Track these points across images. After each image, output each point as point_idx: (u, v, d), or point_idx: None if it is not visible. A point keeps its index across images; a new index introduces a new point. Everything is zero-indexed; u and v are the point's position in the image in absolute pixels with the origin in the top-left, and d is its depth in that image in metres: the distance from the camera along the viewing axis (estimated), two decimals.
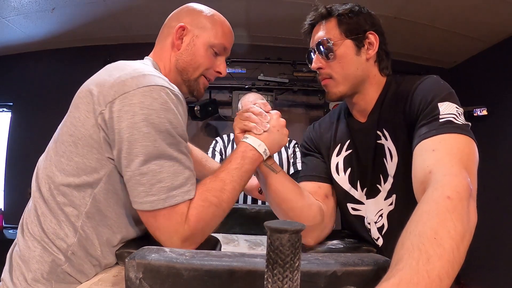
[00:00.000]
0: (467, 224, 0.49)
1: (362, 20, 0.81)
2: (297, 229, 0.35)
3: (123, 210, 0.69)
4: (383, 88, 0.83)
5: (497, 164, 2.60)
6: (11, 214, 3.02)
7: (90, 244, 0.66)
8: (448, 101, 0.68)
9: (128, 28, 2.96)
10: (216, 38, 0.80)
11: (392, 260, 0.46)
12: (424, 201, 0.53)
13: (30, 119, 3.23)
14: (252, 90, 2.93)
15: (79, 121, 0.65)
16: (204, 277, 0.47)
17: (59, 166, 0.66)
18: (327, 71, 0.82)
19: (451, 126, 0.64)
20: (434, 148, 0.62)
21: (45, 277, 0.63)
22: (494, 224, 2.52)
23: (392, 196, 0.77)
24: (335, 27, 0.81)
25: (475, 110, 2.78)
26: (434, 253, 0.43)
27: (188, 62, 0.79)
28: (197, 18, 0.80)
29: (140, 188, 0.62)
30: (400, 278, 0.41)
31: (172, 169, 0.63)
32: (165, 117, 0.62)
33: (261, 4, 2.58)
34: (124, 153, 0.62)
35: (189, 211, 0.64)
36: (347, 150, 0.87)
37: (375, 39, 0.81)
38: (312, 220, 0.79)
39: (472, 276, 2.71)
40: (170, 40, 0.80)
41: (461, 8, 2.32)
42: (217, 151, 1.90)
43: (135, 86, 0.62)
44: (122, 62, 0.73)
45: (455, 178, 0.55)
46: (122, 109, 0.61)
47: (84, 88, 0.68)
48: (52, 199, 0.66)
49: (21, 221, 0.70)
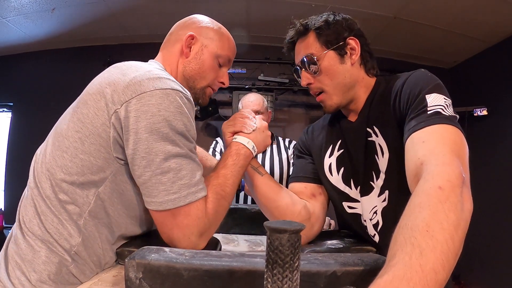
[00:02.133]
0: (461, 213, 0.48)
1: (339, 28, 0.82)
2: (296, 229, 0.35)
3: (125, 211, 0.69)
4: (373, 88, 0.85)
5: (497, 164, 2.60)
6: (11, 214, 2.99)
7: (93, 243, 0.66)
8: (436, 92, 0.68)
9: (128, 28, 2.96)
10: (223, 50, 0.84)
11: (387, 256, 0.46)
12: (415, 194, 0.53)
13: (30, 119, 3.22)
14: (252, 90, 2.94)
15: (87, 118, 0.65)
16: (204, 277, 0.47)
17: (61, 161, 0.65)
18: (317, 85, 0.85)
19: (439, 117, 0.64)
20: (424, 139, 0.62)
21: (52, 278, 0.63)
22: (494, 224, 2.52)
23: (385, 192, 0.77)
24: (314, 41, 0.83)
25: (475, 110, 2.78)
26: (427, 246, 0.43)
27: (196, 71, 0.82)
28: (206, 30, 0.84)
29: (161, 187, 0.63)
30: (393, 274, 0.41)
31: (189, 167, 0.65)
32: (180, 119, 0.65)
33: (261, 4, 2.58)
34: (142, 153, 0.62)
35: (207, 205, 0.68)
36: (339, 150, 0.88)
37: (355, 43, 0.82)
38: (296, 216, 0.83)
39: (472, 276, 2.71)
40: (178, 47, 0.82)
41: (461, 8, 2.32)
42: (217, 151, 1.90)
43: (152, 87, 0.64)
44: (132, 62, 0.73)
45: (447, 167, 0.55)
46: (139, 109, 0.62)
47: (95, 85, 0.68)
48: (54, 197, 0.64)
49: (18, 216, 0.69)
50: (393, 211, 0.75)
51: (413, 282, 0.39)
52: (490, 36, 2.68)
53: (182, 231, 0.64)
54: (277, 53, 3.13)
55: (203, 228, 0.66)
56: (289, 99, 3.27)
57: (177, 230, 0.64)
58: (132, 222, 0.72)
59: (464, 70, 3.20)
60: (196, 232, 0.65)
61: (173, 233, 0.65)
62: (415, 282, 0.39)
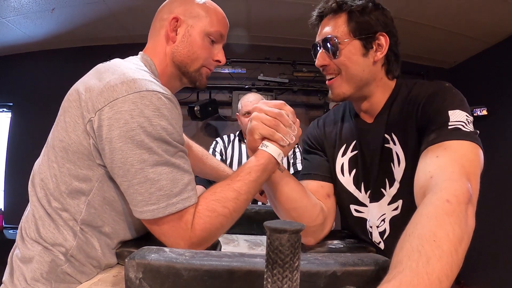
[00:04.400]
0: (465, 228, 0.49)
1: (373, 20, 0.76)
2: (296, 229, 0.35)
3: (120, 217, 0.69)
4: (393, 91, 0.81)
5: (497, 164, 2.59)
6: (11, 214, 3.01)
7: (90, 247, 0.66)
8: (459, 109, 0.67)
9: (128, 28, 2.96)
10: (212, 26, 0.77)
11: (392, 262, 0.46)
12: (423, 205, 0.54)
13: (30, 119, 3.22)
14: (252, 90, 2.93)
15: (69, 126, 0.64)
16: (204, 277, 0.47)
17: (51, 171, 0.65)
18: (332, 67, 0.78)
19: (458, 133, 0.64)
20: (438, 154, 0.63)
21: (45, 276, 0.63)
22: (494, 224, 2.52)
23: (398, 201, 0.76)
24: (343, 24, 0.76)
25: (475, 110, 2.78)
26: (434, 255, 0.44)
27: (185, 54, 0.76)
28: (189, 8, 0.77)
29: (139, 197, 0.61)
30: (401, 280, 0.41)
31: (170, 176, 0.61)
32: (158, 124, 0.60)
33: (261, 4, 2.58)
34: (118, 163, 0.60)
35: (194, 220, 0.63)
36: (352, 151, 0.85)
37: (385, 41, 0.77)
38: (314, 220, 0.78)
39: (472, 276, 2.71)
40: (163, 33, 0.77)
41: (461, 8, 2.32)
42: (217, 152, 1.90)
43: (125, 92, 0.60)
44: (113, 62, 0.71)
45: (454, 183, 0.55)
46: (112, 117, 0.59)
47: (74, 91, 0.66)
48: (48, 205, 0.65)
49: (20, 224, 0.70)
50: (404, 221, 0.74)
51: None
52: (490, 36, 2.68)
53: (169, 239, 0.63)
54: (277, 53, 3.14)
55: (188, 241, 0.62)
56: (289, 99, 3.27)
57: (165, 238, 0.64)
58: (129, 227, 0.71)
59: (464, 70, 3.20)
60: (182, 243, 0.62)
61: (162, 240, 0.64)
62: None
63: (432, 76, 3.15)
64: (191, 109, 2.84)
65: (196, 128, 3.25)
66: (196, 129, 3.25)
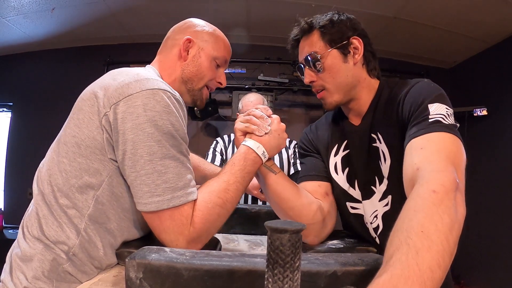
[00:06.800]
0: (455, 216, 0.50)
1: (343, 27, 0.83)
2: (297, 229, 0.35)
3: (126, 214, 0.70)
4: (376, 92, 0.86)
5: (497, 164, 2.60)
6: (11, 214, 3.02)
7: (92, 247, 0.67)
8: (438, 102, 0.69)
9: (128, 28, 2.96)
10: (219, 51, 0.86)
11: (384, 258, 0.47)
12: (410, 198, 0.54)
13: (30, 119, 3.23)
14: (252, 90, 2.94)
15: (83, 122, 0.67)
16: (204, 277, 0.47)
17: (61, 166, 0.67)
18: (319, 83, 0.85)
19: (439, 125, 0.66)
20: (422, 146, 0.64)
21: (46, 275, 0.64)
22: (494, 224, 2.52)
23: (388, 197, 0.78)
24: (318, 39, 0.83)
25: (475, 110, 2.78)
26: (422, 246, 0.44)
27: (193, 73, 0.84)
28: (201, 33, 0.86)
29: (145, 188, 0.63)
30: (391, 273, 0.42)
31: (176, 170, 0.65)
32: (167, 119, 0.64)
33: (261, 4, 2.58)
34: (129, 154, 0.63)
35: (194, 213, 0.66)
36: (344, 151, 0.89)
37: (359, 43, 0.83)
38: (312, 218, 0.81)
39: (472, 276, 2.71)
40: (176, 52, 0.84)
41: (461, 8, 2.32)
42: (217, 152, 1.90)
43: (138, 88, 0.65)
44: (125, 68, 0.75)
45: (441, 173, 0.56)
46: (126, 111, 0.63)
47: (88, 91, 0.70)
48: (54, 201, 0.66)
49: (22, 223, 0.71)
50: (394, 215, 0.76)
51: (411, 280, 0.41)
52: (490, 36, 2.68)
53: (169, 236, 0.65)
54: (277, 53, 3.14)
55: (188, 236, 0.65)
56: (289, 99, 3.27)
57: (165, 234, 0.65)
58: (133, 225, 0.72)
59: (464, 70, 3.20)
60: (182, 238, 0.64)
61: (161, 237, 0.66)
62: (413, 280, 0.41)
63: (432, 76, 3.14)
64: (191, 109, 2.84)
65: (196, 128, 3.25)
66: (196, 129, 3.25)
